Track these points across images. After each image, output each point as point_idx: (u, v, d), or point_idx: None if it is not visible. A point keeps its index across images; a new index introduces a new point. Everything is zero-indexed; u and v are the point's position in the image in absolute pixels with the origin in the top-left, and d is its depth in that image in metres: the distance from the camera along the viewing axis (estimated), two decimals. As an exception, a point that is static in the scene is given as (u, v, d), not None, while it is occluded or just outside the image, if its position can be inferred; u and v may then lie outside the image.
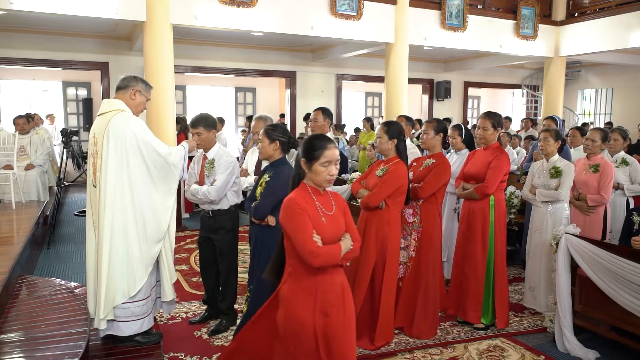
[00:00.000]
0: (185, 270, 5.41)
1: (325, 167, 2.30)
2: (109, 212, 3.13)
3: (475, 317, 3.99)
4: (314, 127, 4.54)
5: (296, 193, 2.33)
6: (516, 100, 16.25)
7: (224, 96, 13.95)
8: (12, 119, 7.49)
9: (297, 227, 2.20)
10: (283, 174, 3.22)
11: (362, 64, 12.36)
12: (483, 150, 4.08)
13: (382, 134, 3.62)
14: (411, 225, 3.84)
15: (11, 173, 6.31)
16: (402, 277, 3.83)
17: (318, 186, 2.36)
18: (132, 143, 3.15)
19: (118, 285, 3.17)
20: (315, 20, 7.89)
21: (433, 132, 3.94)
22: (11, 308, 3.60)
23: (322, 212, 2.32)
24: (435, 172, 3.77)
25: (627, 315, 3.31)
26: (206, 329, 3.95)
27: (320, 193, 2.38)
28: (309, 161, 2.32)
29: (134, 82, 3.31)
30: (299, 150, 2.40)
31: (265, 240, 3.29)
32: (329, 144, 2.32)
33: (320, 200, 2.35)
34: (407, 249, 3.85)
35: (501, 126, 4.07)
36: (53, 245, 6.36)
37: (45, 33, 9.68)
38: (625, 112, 13.03)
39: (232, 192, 3.85)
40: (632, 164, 4.83)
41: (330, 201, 2.40)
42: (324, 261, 2.21)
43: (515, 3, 9.67)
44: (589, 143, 4.42)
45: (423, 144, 4.03)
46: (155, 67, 6.79)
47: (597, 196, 4.28)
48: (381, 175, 3.58)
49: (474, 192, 3.93)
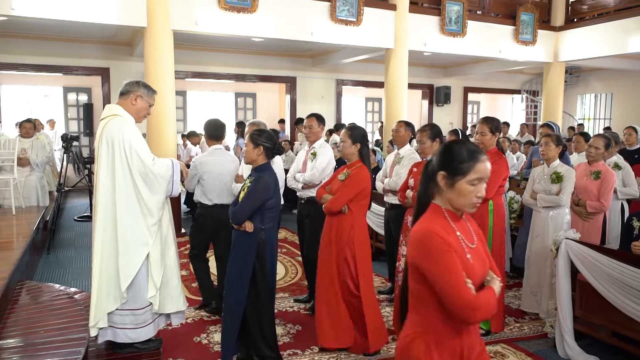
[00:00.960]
0: (185, 276, 5.40)
1: (474, 186, 1.77)
2: (100, 217, 3.13)
3: None
4: (308, 133, 4.50)
5: (431, 221, 1.76)
6: (516, 106, 16.28)
7: (224, 102, 13.97)
8: (13, 123, 7.51)
9: (446, 271, 1.66)
10: (263, 179, 3.19)
11: (362, 70, 12.40)
12: None
13: (345, 138, 3.61)
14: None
15: (11, 178, 6.31)
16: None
17: (457, 210, 1.82)
18: (119, 147, 3.13)
19: (109, 293, 3.15)
20: (315, 25, 7.93)
21: (429, 140, 3.90)
22: (10, 314, 3.60)
23: (465, 246, 1.78)
24: None
25: (628, 320, 3.31)
26: (205, 334, 3.95)
27: (459, 219, 1.84)
28: (452, 176, 1.76)
29: (135, 87, 3.30)
30: (432, 161, 1.84)
31: (242, 247, 3.25)
32: (480, 154, 1.78)
33: (461, 229, 1.81)
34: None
35: (499, 131, 4.05)
36: (53, 251, 6.35)
37: (46, 39, 9.72)
38: (624, 116, 13.05)
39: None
40: (625, 168, 4.85)
41: (469, 229, 1.87)
42: (484, 315, 1.69)
43: (514, 9, 9.72)
44: (592, 150, 4.37)
45: (422, 153, 4.00)
46: (156, 72, 6.82)
47: (597, 203, 4.27)
48: (343, 180, 3.56)
49: None
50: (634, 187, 4.80)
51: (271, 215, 3.28)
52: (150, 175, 3.19)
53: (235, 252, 3.29)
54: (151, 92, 3.38)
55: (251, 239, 3.19)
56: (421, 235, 1.71)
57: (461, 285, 1.65)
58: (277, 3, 7.60)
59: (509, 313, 4.39)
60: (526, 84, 14.77)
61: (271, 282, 3.37)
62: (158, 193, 3.23)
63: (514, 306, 4.61)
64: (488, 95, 15.85)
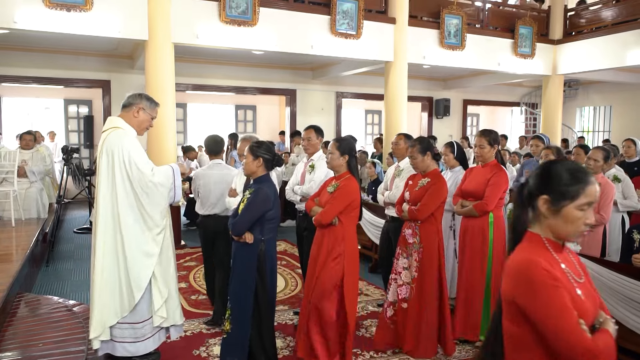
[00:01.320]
0: (184, 288, 5.38)
1: (583, 212, 1.55)
2: (101, 230, 3.13)
3: (474, 334, 3.94)
4: (307, 145, 4.46)
5: (531, 251, 1.52)
6: (515, 118, 16.33)
7: (224, 114, 14.03)
8: (14, 135, 7.52)
9: (556, 310, 1.41)
10: (262, 191, 3.19)
11: (361, 82, 12.46)
12: (481, 167, 4.07)
13: (333, 150, 3.59)
14: (411, 245, 3.80)
15: (11, 190, 6.32)
16: (407, 298, 3.78)
17: (559, 239, 1.58)
18: (119, 159, 3.14)
19: (110, 305, 3.13)
20: (315, 39, 7.99)
21: (420, 154, 3.79)
22: (9, 326, 3.58)
23: (574, 281, 1.52)
24: (432, 192, 3.71)
25: (629, 333, 3.29)
26: (205, 347, 3.92)
27: (562, 249, 1.59)
28: (558, 201, 1.53)
29: (137, 100, 3.32)
30: (529, 183, 1.62)
31: (242, 258, 3.25)
32: (590, 176, 1.56)
33: (565, 261, 1.56)
34: (409, 269, 3.81)
35: (498, 143, 4.06)
36: (52, 263, 6.33)
37: (48, 51, 9.78)
38: (623, 129, 13.09)
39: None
40: (624, 181, 4.82)
41: (572, 261, 1.61)
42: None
43: (512, 22, 9.80)
44: (592, 163, 4.34)
45: (415, 168, 3.92)
46: (157, 85, 6.86)
47: (597, 215, 4.25)
48: (332, 192, 3.53)
49: (473, 209, 3.91)
50: (634, 199, 4.79)
51: (271, 226, 3.28)
52: (150, 186, 3.19)
53: (236, 264, 3.29)
54: (154, 104, 3.39)
55: (251, 250, 3.19)
56: (522, 267, 1.46)
57: (576, 328, 1.39)
58: (277, 16, 7.67)
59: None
60: (525, 96, 14.83)
61: (271, 294, 3.36)
62: (160, 203, 3.25)
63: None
64: (487, 107, 15.92)
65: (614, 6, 9.46)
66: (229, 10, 7.23)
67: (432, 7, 9.09)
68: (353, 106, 14.39)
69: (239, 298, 3.21)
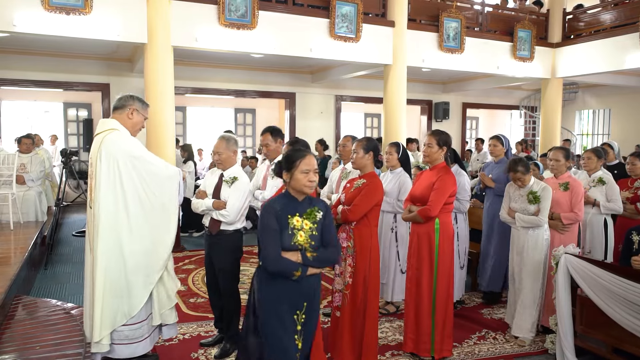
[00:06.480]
0: (183, 292, 5.36)
1: None
2: (103, 233, 3.10)
3: (425, 349, 3.73)
4: (266, 152, 4.20)
5: None
6: (514, 121, 16.35)
7: (223, 117, 14.04)
8: (13, 139, 7.52)
9: None
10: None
11: (361, 85, 12.48)
12: (429, 170, 3.88)
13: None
14: (345, 250, 3.56)
15: (10, 193, 6.31)
16: (340, 305, 3.59)
17: None
18: (124, 162, 3.12)
19: (116, 307, 3.12)
20: (315, 42, 7.99)
21: (362, 151, 3.63)
22: (6, 329, 3.56)
23: None
24: (365, 193, 3.50)
25: (629, 336, 3.28)
26: (203, 350, 3.91)
27: None
28: None
29: (130, 101, 3.31)
30: None
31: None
32: None
33: None
34: (342, 276, 3.60)
35: (447, 145, 3.82)
36: (50, 266, 6.32)
37: (47, 55, 9.78)
38: (622, 132, 13.11)
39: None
40: (609, 183, 4.79)
41: None
42: None
43: (511, 25, 9.82)
44: (553, 163, 4.40)
45: (353, 164, 3.75)
46: (156, 88, 6.86)
47: (572, 214, 4.24)
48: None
49: (417, 215, 3.72)
50: (617, 202, 4.71)
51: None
52: (163, 178, 3.28)
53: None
54: (145, 105, 3.40)
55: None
56: None
57: None
58: (276, 20, 7.68)
59: (503, 329, 4.33)
60: (524, 99, 14.85)
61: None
62: (173, 197, 3.33)
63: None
64: (487, 111, 15.93)
65: (613, 10, 9.49)
66: (228, 14, 7.24)
67: (431, 10, 9.11)
68: (352, 109, 14.40)
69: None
